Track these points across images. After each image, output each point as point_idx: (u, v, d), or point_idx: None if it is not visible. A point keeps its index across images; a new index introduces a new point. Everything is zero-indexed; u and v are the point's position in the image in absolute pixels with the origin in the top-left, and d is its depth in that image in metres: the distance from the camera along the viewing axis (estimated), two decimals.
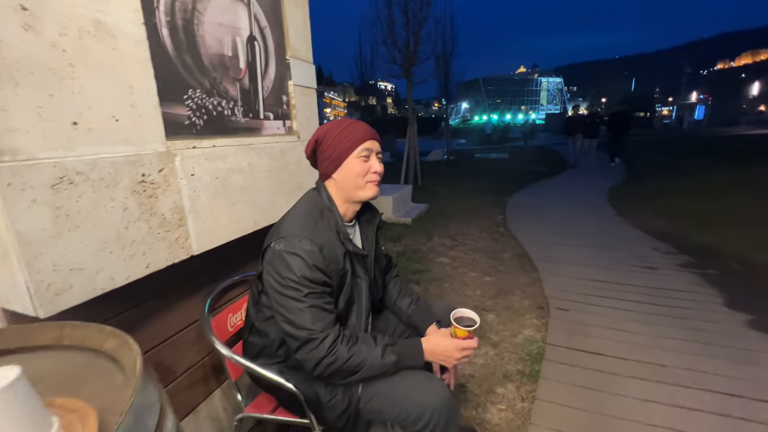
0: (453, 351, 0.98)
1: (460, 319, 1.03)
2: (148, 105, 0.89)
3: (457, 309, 1.05)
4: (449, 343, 0.99)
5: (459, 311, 1.05)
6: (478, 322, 1.01)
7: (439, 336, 1.02)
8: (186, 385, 1.24)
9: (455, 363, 1.00)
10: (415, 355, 0.98)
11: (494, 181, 8.07)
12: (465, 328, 0.97)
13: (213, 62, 1.09)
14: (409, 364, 0.97)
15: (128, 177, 0.85)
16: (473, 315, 1.04)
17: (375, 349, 0.93)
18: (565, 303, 2.57)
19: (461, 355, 0.99)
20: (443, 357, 0.99)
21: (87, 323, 0.62)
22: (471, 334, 0.99)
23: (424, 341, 1.00)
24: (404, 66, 6.41)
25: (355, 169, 0.99)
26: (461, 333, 0.98)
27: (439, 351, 0.99)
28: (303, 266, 0.89)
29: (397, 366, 0.95)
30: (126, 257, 0.86)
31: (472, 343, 1.00)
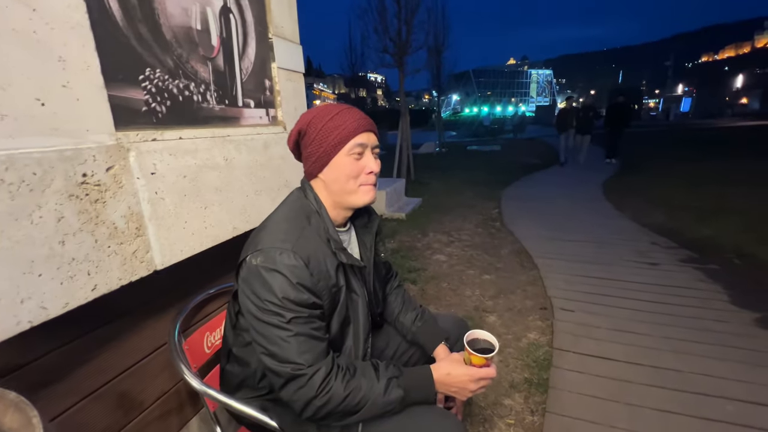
0: (468, 382, 0.83)
1: (475, 341, 0.88)
2: (88, 85, 0.70)
3: (472, 331, 0.90)
4: (463, 373, 0.83)
5: (474, 333, 0.89)
6: (497, 347, 0.86)
7: (451, 363, 0.86)
8: (157, 416, 1.07)
9: (470, 395, 0.85)
10: (424, 389, 0.82)
11: (488, 174, 7.96)
12: (482, 356, 0.82)
13: (177, 36, 0.90)
14: (418, 399, 0.81)
15: (62, 178, 0.67)
16: (491, 338, 0.89)
17: (377, 384, 0.77)
18: (569, 303, 2.45)
19: (477, 386, 0.84)
20: (456, 389, 0.84)
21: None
22: (489, 361, 0.84)
23: (435, 370, 0.84)
24: (396, 56, 6.19)
25: (345, 169, 0.82)
26: (477, 360, 0.83)
27: (451, 382, 0.84)
28: (285, 285, 0.73)
29: (403, 402, 0.79)
30: (63, 279, 0.68)
31: (490, 372, 0.84)
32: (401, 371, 0.82)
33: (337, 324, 0.85)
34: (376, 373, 0.79)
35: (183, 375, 0.87)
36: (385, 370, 0.81)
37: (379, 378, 0.78)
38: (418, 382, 0.82)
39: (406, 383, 0.80)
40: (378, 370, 0.80)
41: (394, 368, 0.82)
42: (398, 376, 0.80)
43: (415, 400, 0.81)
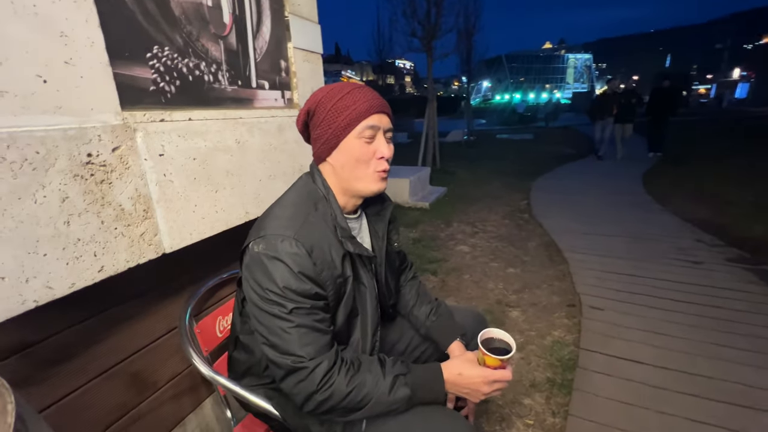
0: (480, 384, 0.77)
1: (490, 341, 0.81)
2: (93, 63, 0.69)
3: (487, 329, 0.83)
4: (476, 374, 0.77)
5: (489, 332, 0.83)
6: (514, 348, 0.79)
7: (463, 363, 0.80)
8: (171, 396, 1.09)
9: (482, 398, 0.79)
10: (433, 389, 0.77)
11: (518, 164, 7.67)
12: (497, 357, 0.76)
13: (186, 12, 0.87)
14: (426, 399, 0.76)
15: (66, 157, 0.66)
16: (507, 338, 0.82)
17: (383, 381, 0.73)
18: (599, 301, 2.31)
19: (491, 389, 0.77)
20: (468, 390, 0.78)
21: None
22: (504, 363, 0.78)
23: (445, 369, 0.79)
24: (424, 40, 5.99)
25: (354, 153, 0.76)
26: (491, 362, 0.77)
27: (463, 383, 0.78)
28: (287, 274, 0.69)
29: (410, 402, 0.75)
30: (69, 260, 0.67)
31: (505, 374, 0.78)
32: (409, 368, 0.77)
33: (344, 316, 0.81)
34: (382, 369, 0.75)
35: (191, 360, 0.87)
36: (392, 366, 0.76)
37: (385, 375, 0.74)
38: (427, 381, 0.77)
39: (413, 382, 0.75)
40: (384, 366, 0.76)
41: (402, 365, 0.78)
42: (406, 373, 0.75)
43: (423, 399, 0.76)
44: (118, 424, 0.94)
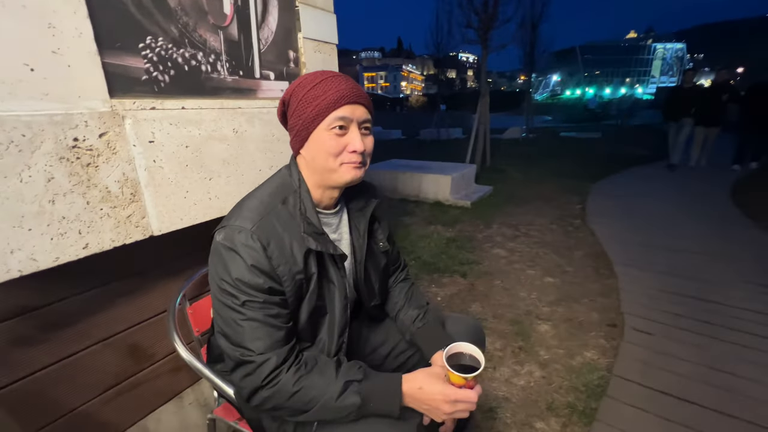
0: (441, 402, 0.70)
1: (458, 356, 0.74)
2: (80, 52, 0.73)
3: (456, 344, 0.75)
4: (437, 391, 0.70)
5: (457, 346, 0.75)
6: (482, 365, 0.71)
7: (426, 377, 0.73)
8: (168, 370, 1.16)
9: (444, 418, 0.72)
10: (387, 401, 0.71)
11: (579, 165, 7.04)
12: (462, 375, 0.68)
13: (183, 3, 0.89)
14: (379, 410, 0.71)
15: (52, 141, 0.71)
16: (477, 354, 0.74)
17: (333, 385, 0.69)
18: (647, 324, 2.03)
19: (452, 409, 0.69)
20: (428, 407, 0.71)
21: None
22: (471, 382, 0.70)
23: (406, 381, 0.73)
24: (480, 30, 5.71)
25: (324, 146, 0.73)
26: (456, 379, 0.70)
27: (423, 398, 0.71)
28: (241, 266, 0.68)
29: (360, 411, 0.70)
30: (53, 236, 0.73)
31: (468, 395, 0.70)
32: (366, 375, 0.72)
33: (306, 313, 0.78)
34: (336, 372, 0.71)
35: (173, 341, 0.90)
36: (347, 371, 0.72)
37: (337, 378, 0.70)
38: (382, 392, 0.71)
39: (366, 391, 0.70)
40: (339, 370, 0.72)
41: (359, 371, 0.73)
42: (360, 380, 0.71)
43: (376, 411, 0.71)
44: (117, 388, 1.02)
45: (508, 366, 1.78)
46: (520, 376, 1.72)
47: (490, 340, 1.98)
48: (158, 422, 1.14)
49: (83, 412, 0.95)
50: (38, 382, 0.87)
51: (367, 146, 0.77)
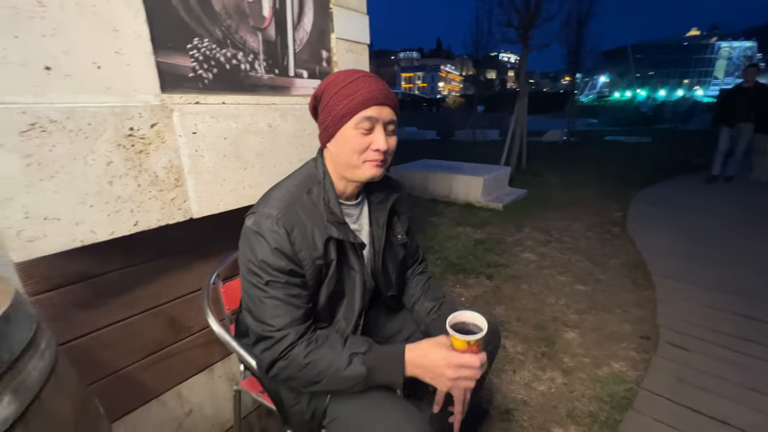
0: (444, 367, 0.71)
1: (461, 325, 0.75)
2: (138, 52, 0.83)
3: (459, 312, 0.77)
4: (440, 357, 0.72)
5: (461, 315, 0.76)
6: (484, 329, 0.71)
7: (430, 345, 0.75)
8: (203, 342, 1.26)
9: (449, 385, 0.72)
10: (391, 370, 0.74)
11: (623, 170, 6.66)
12: (463, 337, 0.69)
13: (227, 7, 0.98)
14: (384, 380, 0.74)
15: (112, 129, 0.81)
16: (480, 320, 0.74)
17: (339, 357, 0.74)
18: (684, 339, 1.91)
19: (456, 374, 0.70)
20: (432, 374, 0.73)
21: None
22: (474, 346, 0.71)
23: (409, 350, 0.75)
24: (521, 29, 5.56)
25: (350, 143, 0.78)
26: (458, 344, 0.71)
27: (426, 364, 0.73)
28: (266, 249, 0.75)
29: (367, 381, 0.74)
30: (110, 212, 0.84)
31: (472, 360, 0.70)
32: (370, 347, 0.76)
33: (325, 296, 0.84)
34: (343, 345, 0.76)
35: (207, 317, 1.00)
36: (353, 344, 0.76)
37: (343, 351, 0.74)
38: (386, 362, 0.74)
39: (371, 361, 0.74)
40: (346, 344, 0.76)
41: (364, 343, 0.77)
42: (365, 351, 0.75)
43: (381, 380, 0.74)
44: (157, 354, 1.14)
45: (529, 370, 1.76)
46: (540, 381, 1.69)
47: (511, 343, 1.96)
48: (191, 390, 1.24)
49: (128, 373, 1.07)
50: (93, 341, 0.99)
51: (390, 146, 0.81)
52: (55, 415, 0.51)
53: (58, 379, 0.54)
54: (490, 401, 1.57)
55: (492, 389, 1.63)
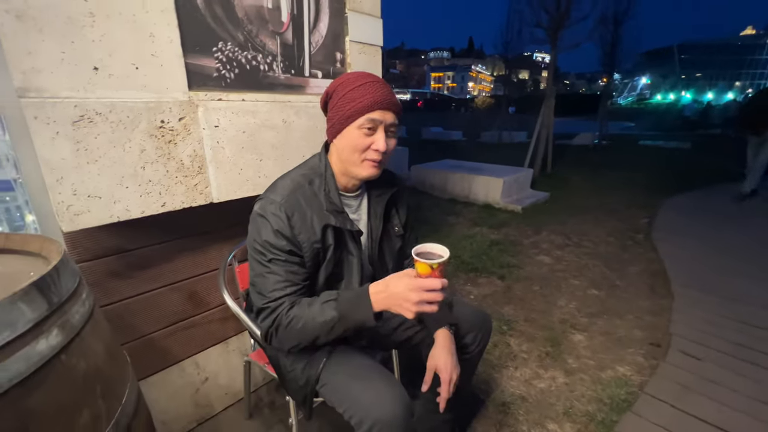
0: (406, 291, 0.74)
1: (426, 255, 0.77)
2: (170, 55, 0.95)
3: (424, 244, 0.80)
4: (403, 283, 0.74)
5: (425, 246, 0.79)
6: (445, 256, 0.75)
7: (393, 276, 0.78)
8: (219, 318, 1.39)
9: (414, 309, 0.74)
10: (360, 307, 0.79)
11: (655, 176, 6.38)
12: (426, 261, 0.73)
13: (248, 14, 1.09)
14: (357, 318, 0.80)
15: (146, 121, 0.94)
16: (443, 250, 0.77)
17: (314, 308, 0.81)
18: (698, 348, 1.87)
19: (419, 297, 0.73)
20: (398, 302, 0.76)
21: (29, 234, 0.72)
22: (436, 271, 0.73)
23: (373, 285, 0.80)
24: (550, 30, 5.46)
25: (352, 141, 0.86)
26: (422, 269, 0.74)
27: (390, 292, 0.76)
28: (269, 231, 0.84)
29: (342, 323, 0.80)
30: (142, 193, 0.96)
31: (433, 283, 0.73)
32: (340, 294, 0.82)
33: (323, 278, 0.92)
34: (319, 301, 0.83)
35: (222, 293, 1.11)
36: (325, 295, 0.84)
37: (316, 302, 0.82)
38: (353, 301, 0.80)
39: (341, 304, 0.80)
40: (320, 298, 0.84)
41: (334, 293, 0.83)
42: (336, 298, 0.81)
43: (355, 319, 0.79)
44: (177, 325, 1.27)
45: (531, 368, 1.78)
46: (541, 379, 1.71)
47: (516, 341, 1.98)
48: (207, 360, 1.38)
49: (153, 339, 1.21)
50: (123, 308, 1.13)
51: (389, 147, 0.89)
52: (91, 352, 0.62)
53: (94, 324, 0.66)
54: (488, 393, 1.61)
55: (491, 383, 1.68)
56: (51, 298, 0.56)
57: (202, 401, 1.38)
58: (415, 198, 5.02)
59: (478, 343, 1.11)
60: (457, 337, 1.04)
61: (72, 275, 0.64)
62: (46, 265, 0.65)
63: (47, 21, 0.77)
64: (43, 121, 0.79)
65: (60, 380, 0.55)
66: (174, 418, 1.30)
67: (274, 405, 1.53)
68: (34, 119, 0.78)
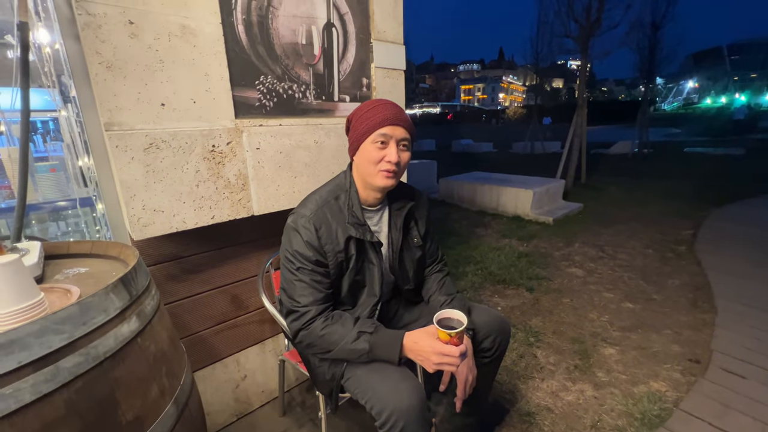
0: (430, 353, 0.87)
1: (447, 321, 0.90)
2: (221, 90, 1.12)
3: (446, 310, 0.92)
4: (428, 344, 0.88)
5: (446, 312, 0.91)
6: (464, 323, 0.86)
7: (422, 334, 0.91)
8: (258, 320, 1.53)
9: (434, 368, 0.88)
10: (390, 349, 0.91)
11: (701, 185, 6.02)
12: (445, 330, 0.84)
13: (286, 51, 1.25)
14: (383, 356, 0.91)
15: (201, 146, 1.10)
16: (461, 317, 0.89)
17: (349, 333, 0.92)
18: (742, 366, 1.77)
19: (439, 360, 0.86)
20: (422, 358, 0.89)
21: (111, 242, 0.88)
22: (454, 338, 0.85)
23: (407, 337, 0.92)
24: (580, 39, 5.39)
25: (368, 155, 0.97)
26: (442, 336, 0.86)
27: (417, 350, 0.90)
28: (299, 242, 0.96)
29: (369, 356, 0.91)
30: (196, 208, 1.12)
31: (452, 350, 0.85)
32: (376, 329, 0.93)
33: (347, 285, 1.03)
34: (354, 324, 0.94)
35: (261, 297, 1.25)
36: (362, 324, 0.94)
37: (353, 329, 0.93)
38: (386, 342, 0.91)
39: (374, 340, 0.91)
40: (356, 323, 0.94)
41: (371, 326, 0.94)
42: (371, 332, 0.92)
43: (381, 357, 0.92)
44: (221, 325, 1.42)
45: (558, 380, 1.77)
46: (569, 392, 1.70)
47: (543, 353, 1.97)
48: (246, 358, 1.51)
49: (202, 336, 1.36)
50: (178, 308, 1.29)
51: (402, 159, 0.99)
52: (159, 338, 0.76)
53: (161, 316, 0.80)
54: (513, 403, 1.63)
55: (515, 393, 1.68)
56: (131, 291, 0.70)
57: (241, 397, 1.51)
58: (444, 210, 5.06)
59: (497, 348, 1.15)
60: (475, 342, 1.10)
61: (145, 275, 0.78)
62: (125, 267, 0.80)
63: (130, 69, 0.95)
64: (122, 149, 0.97)
65: (137, 358, 0.68)
66: (217, 411, 1.44)
67: (305, 405, 1.63)
68: (116, 148, 0.96)
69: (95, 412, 0.59)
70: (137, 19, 0.95)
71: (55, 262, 0.88)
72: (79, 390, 0.57)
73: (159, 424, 0.69)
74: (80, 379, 0.57)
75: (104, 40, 0.91)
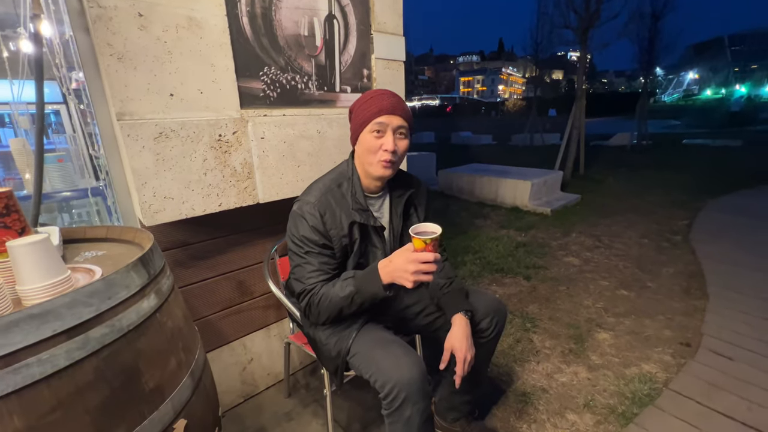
0: (405, 263, 0.86)
1: (422, 233, 0.88)
2: (227, 81, 1.15)
3: (421, 224, 0.92)
4: (402, 257, 0.87)
5: (421, 225, 0.91)
6: (438, 231, 0.86)
7: (396, 252, 0.91)
8: (262, 305, 1.58)
9: (413, 279, 0.86)
10: (371, 280, 0.93)
11: (697, 177, 6.07)
12: (420, 237, 0.84)
13: (288, 42, 1.28)
14: (371, 290, 0.94)
15: (208, 136, 1.14)
16: (436, 228, 0.89)
17: (338, 286, 0.97)
18: (730, 349, 1.84)
19: (415, 267, 0.85)
20: (399, 273, 0.88)
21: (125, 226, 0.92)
22: (429, 246, 0.84)
23: (380, 263, 0.94)
24: (579, 30, 5.39)
25: (367, 144, 1.01)
26: (417, 244, 0.85)
27: (393, 267, 0.89)
28: (305, 227, 1.01)
29: (359, 296, 0.95)
30: (204, 195, 1.17)
31: (426, 256, 0.84)
32: (356, 273, 0.98)
33: (352, 267, 1.07)
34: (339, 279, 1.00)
35: (267, 282, 1.30)
36: (344, 275, 0.99)
37: (339, 282, 0.99)
38: (367, 277, 0.95)
39: (356, 281, 0.96)
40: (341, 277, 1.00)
41: (352, 272, 0.99)
42: (352, 276, 0.98)
43: (369, 291, 0.94)
44: (228, 310, 1.47)
45: (553, 363, 1.83)
46: (563, 374, 1.76)
47: (539, 338, 2.03)
48: (252, 342, 1.57)
49: (210, 320, 1.41)
50: (187, 293, 1.34)
51: (399, 147, 1.03)
52: (174, 315, 0.81)
53: (175, 295, 0.85)
54: (509, 384, 1.69)
55: (512, 375, 1.75)
56: (149, 270, 0.75)
57: (248, 379, 1.57)
58: (443, 201, 5.10)
59: (494, 328, 1.21)
60: (473, 323, 1.16)
61: (160, 256, 0.83)
62: (140, 250, 0.85)
63: (140, 60, 0.98)
64: (133, 138, 1.01)
65: (156, 332, 0.73)
66: (225, 392, 1.49)
67: (309, 387, 1.69)
68: (127, 137, 1.00)
69: (121, 379, 0.64)
70: (146, 11, 0.98)
71: (74, 246, 0.93)
72: (106, 358, 0.62)
73: (177, 394, 0.75)
74: (107, 349, 0.62)
75: (115, 32, 0.94)
